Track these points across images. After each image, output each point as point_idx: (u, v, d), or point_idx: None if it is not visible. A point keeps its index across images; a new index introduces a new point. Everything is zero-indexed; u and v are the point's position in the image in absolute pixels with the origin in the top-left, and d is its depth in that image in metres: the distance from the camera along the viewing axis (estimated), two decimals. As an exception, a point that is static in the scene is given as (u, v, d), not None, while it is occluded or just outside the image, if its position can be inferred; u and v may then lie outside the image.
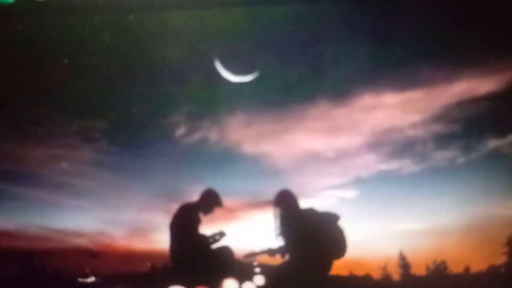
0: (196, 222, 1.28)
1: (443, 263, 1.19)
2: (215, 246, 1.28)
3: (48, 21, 1.15)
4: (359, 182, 1.14)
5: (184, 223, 1.28)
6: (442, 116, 1.09)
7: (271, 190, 1.20)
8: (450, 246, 1.18)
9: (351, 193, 1.15)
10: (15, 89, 1.19)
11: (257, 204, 1.21)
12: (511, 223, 1.16)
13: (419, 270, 1.20)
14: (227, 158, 1.17)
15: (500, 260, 1.19)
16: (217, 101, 1.13)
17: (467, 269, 1.20)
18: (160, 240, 1.27)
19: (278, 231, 1.25)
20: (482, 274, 1.19)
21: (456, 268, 1.20)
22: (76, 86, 1.17)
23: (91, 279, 1.30)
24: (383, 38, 1.06)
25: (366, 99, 1.08)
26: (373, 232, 1.19)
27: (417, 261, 1.20)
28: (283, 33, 1.09)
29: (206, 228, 1.27)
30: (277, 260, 1.25)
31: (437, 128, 1.10)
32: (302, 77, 1.10)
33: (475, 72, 1.05)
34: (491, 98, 1.08)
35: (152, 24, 1.13)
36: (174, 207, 1.25)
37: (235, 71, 1.11)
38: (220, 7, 1.10)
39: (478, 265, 1.19)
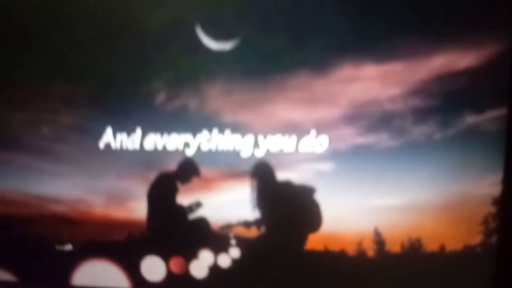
0: (173, 191, 1.28)
1: (418, 240, 1.18)
2: (191, 216, 1.28)
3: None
4: (336, 155, 1.14)
5: (161, 192, 1.28)
6: (421, 90, 1.08)
7: (249, 160, 1.20)
8: (425, 223, 1.18)
9: (327, 166, 1.15)
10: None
11: (234, 175, 1.21)
12: (487, 201, 1.15)
13: (394, 246, 1.19)
14: (206, 126, 1.16)
15: (476, 239, 1.18)
16: (197, 68, 1.13)
17: (442, 247, 1.19)
18: (137, 208, 1.27)
19: (255, 202, 1.24)
20: (457, 253, 1.19)
21: (431, 246, 1.19)
22: (57, 50, 1.18)
23: (69, 246, 1.30)
24: (364, 9, 1.05)
25: (346, 71, 1.08)
26: (349, 206, 1.18)
27: (392, 237, 1.19)
28: (264, 1, 1.08)
29: (183, 198, 1.26)
30: (253, 232, 1.25)
31: (416, 102, 1.09)
32: (283, 47, 1.09)
33: (455, 46, 1.05)
34: (470, 73, 1.07)
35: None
36: (152, 175, 1.25)
37: (215, 38, 1.11)
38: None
39: (453, 244, 1.18)
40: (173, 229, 1.23)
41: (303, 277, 1.21)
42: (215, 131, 1.17)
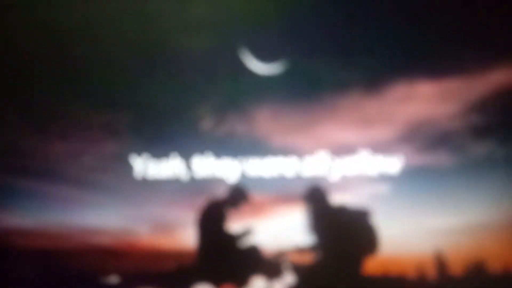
0: (223, 218, 1.25)
1: (482, 262, 1.14)
2: (242, 243, 1.25)
3: (67, 9, 1.13)
4: (392, 176, 1.09)
5: (211, 219, 1.25)
6: (480, 107, 1.04)
7: (300, 184, 1.17)
8: (489, 244, 1.13)
9: (384, 188, 1.11)
10: (35, 82, 1.17)
11: (286, 200, 1.17)
12: (553, 220, 1.11)
13: (456, 269, 1.15)
14: (254, 151, 1.13)
15: (542, 259, 1.14)
16: (244, 92, 1.10)
17: (506, 268, 1.15)
18: (186, 237, 1.24)
19: (308, 227, 1.21)
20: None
21: (495, 267, 1.14)
22: (98, 78, 1.15)
23: (114, 278, 1.27)
24: (418, 24, 1.02)
25: (400, 89, 1.04)
26: (407, 228, 1.14)
27: (454, 260, 1.15)
28: (312, 20, 1.05)
29: (234, 225, 1.23)
30: (307, 258, 1.22)
31: (475, 119, 1.05)
32: (332, 66, 1.05)
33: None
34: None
35: (174, 12, 1.10)
36: (200, 203, 1.22)
37: (262, 61, 1.08)
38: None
39: (519, 265, 1.14)
40: (224, 256, 1.20)
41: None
42: (264, 155, 1.13)
